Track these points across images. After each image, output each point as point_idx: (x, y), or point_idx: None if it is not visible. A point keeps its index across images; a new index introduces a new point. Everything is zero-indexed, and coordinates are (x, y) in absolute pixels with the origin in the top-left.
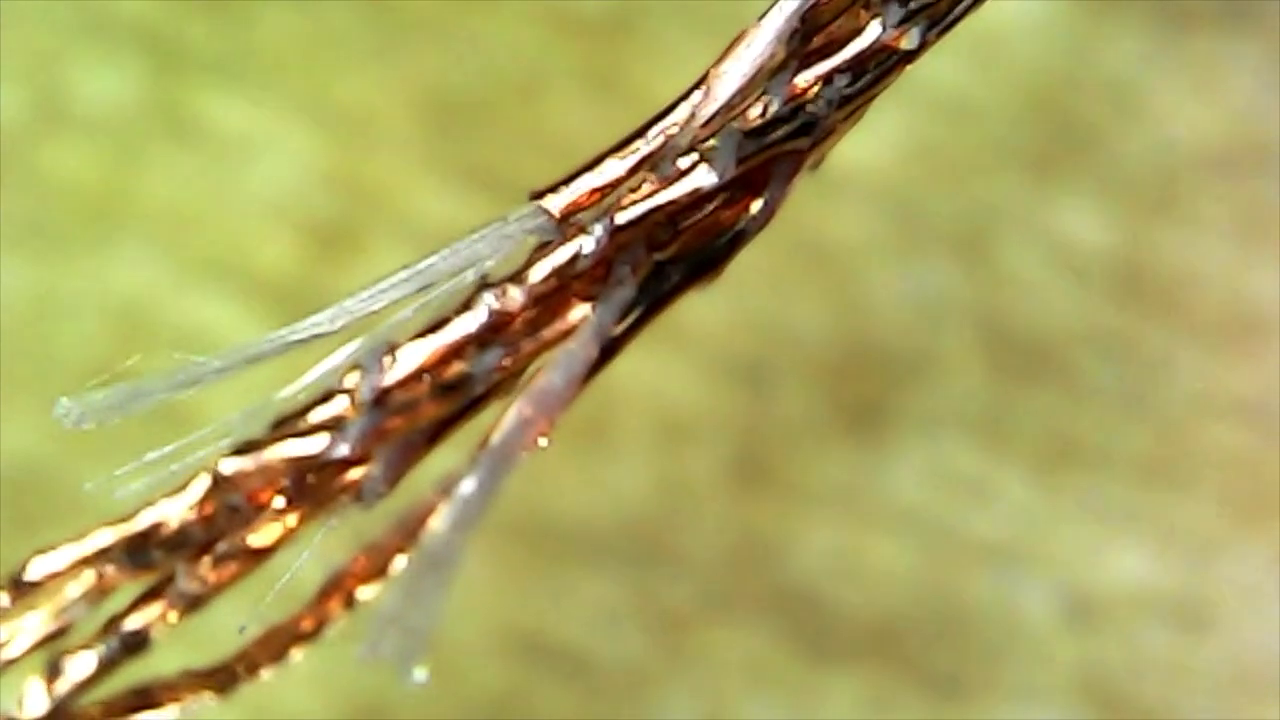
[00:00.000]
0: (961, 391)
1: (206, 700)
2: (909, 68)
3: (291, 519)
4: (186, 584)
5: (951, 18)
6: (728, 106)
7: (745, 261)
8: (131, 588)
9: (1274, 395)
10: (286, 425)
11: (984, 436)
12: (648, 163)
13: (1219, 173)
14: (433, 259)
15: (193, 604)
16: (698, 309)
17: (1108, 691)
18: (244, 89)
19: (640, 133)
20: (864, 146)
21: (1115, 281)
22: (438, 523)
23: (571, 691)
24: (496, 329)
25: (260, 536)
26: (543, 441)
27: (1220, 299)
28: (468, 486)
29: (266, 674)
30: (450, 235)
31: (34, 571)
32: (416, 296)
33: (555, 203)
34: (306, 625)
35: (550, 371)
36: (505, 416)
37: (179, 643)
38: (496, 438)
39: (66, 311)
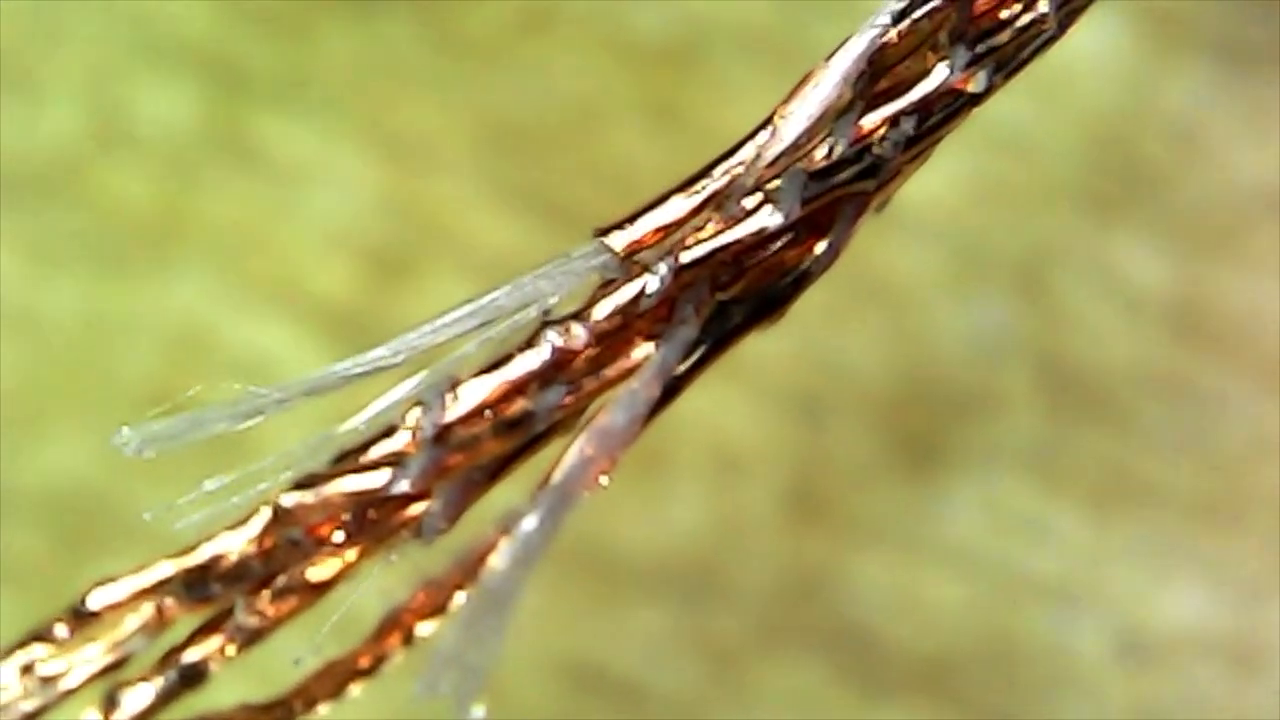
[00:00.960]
0: (1018, 429)
1: None
2: (975, 109)
3: (351, 554)
4: (245, 617)
5: (1019, 60)
6: (794, 147)
7: (804, 296)
8: (189, 620)
9: None
10: (348, 460)
11: (1040, 474)
12: (712, 202)
13: (1278, 213)
14: (496, 294)
15: (251, 637)
16: (756, 343)
17: None
18: (304, 114)
19: (705, 172)
20: (924, 182)
21: (1172, 320)
22: (497, 560)
23: None
24: (560, 366)
25: (319, 571)
26: (604, 480)
27: (1277, 340)
28: (528, 525)
29: (324, 709)
30: (507, 263)
31: (94, 602)
32: (479, 331)
33: (619, 240)
34: (364, 661)
35: (612, 410)
36: (567, 455)
37: (236, 676)
38: (558, 476)
39: (122, 334)
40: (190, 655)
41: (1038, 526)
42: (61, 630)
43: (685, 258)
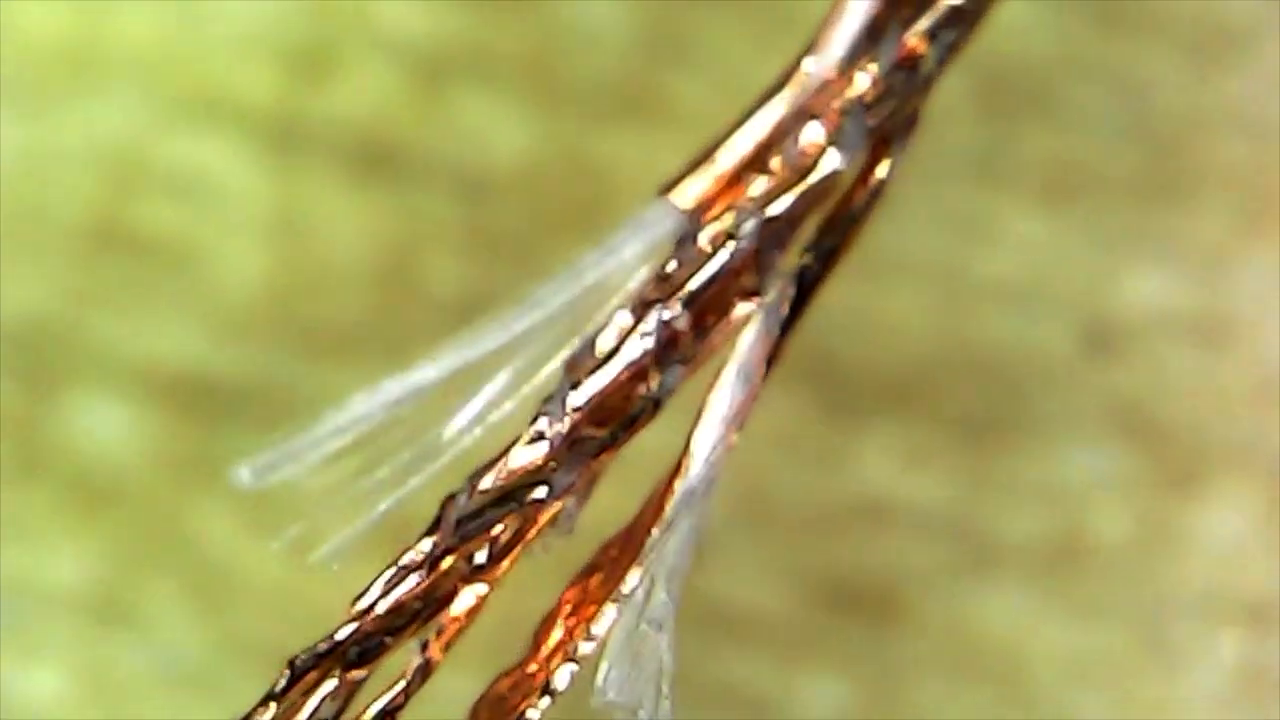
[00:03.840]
0: (958, 134)
1: None
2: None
3: (501, 565)
4: (417, 658)
5: None
6: (840, 75)
7: None
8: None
9: (1266, 104)
10: (484, 477)
11: (985, 176)
12: (772, 147)
13: None
14: (576, 271)
15: (425, 676)
16: None
17: (1137, 418)
18: None
19: (751, 113)
20: None
21: (1096, 9)
22: (660, 543)
23: None
24: (671, 346)
25: (471, 593)
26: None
27: (1195, 13)
28: (682, 504)
29: None
30: (432, 50)
31: (282, 685)
32: (561, 318)
33: (685, 197)
34: (537, 674)
35: (732, 378)
36: (700, 433)
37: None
38: (699, 457)
39: (55, 166)
40: (374, 709)
41: (989, 228)
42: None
43: (770, 212)
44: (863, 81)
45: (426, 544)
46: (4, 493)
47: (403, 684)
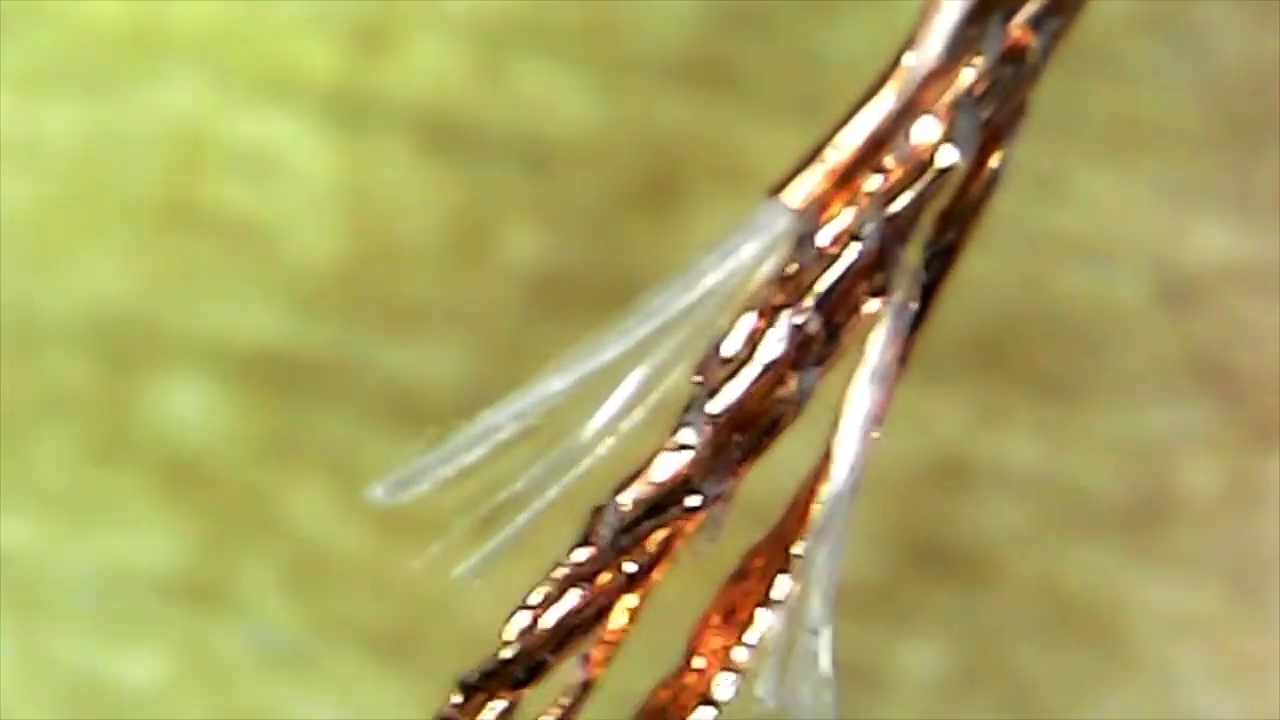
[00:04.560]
0: None
1: None
2: None
3: (653, 575)
4: (580, 673)
5: None
6: (945, 70)
7: None
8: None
9: None
10: (629, 485)
11: (1052, 132)
12: (879, 143)
13: None
14: (694, 275)
15: (587, 692)
16: None
17: (1215, 370)
18: None
19: (855, 110)
20: None
21: None
22: (810, 548)
23: None
24: (804, 349)
25: (628, 602)
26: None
27: None
28: (832, 508)
29: None
30: (490, 19)
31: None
32: (684, 326)
33: (796, 197)
34: (694, 684)
35: (867, 380)
36: (839, 443)
37: None
38: (840, 468)
39: (122, 148)
40: None
41: (1058, 185)
42: None
43: (891, 210)
44: (969, 75)
45: (581, 556)
46: (93, 476)
47: (567, 701)
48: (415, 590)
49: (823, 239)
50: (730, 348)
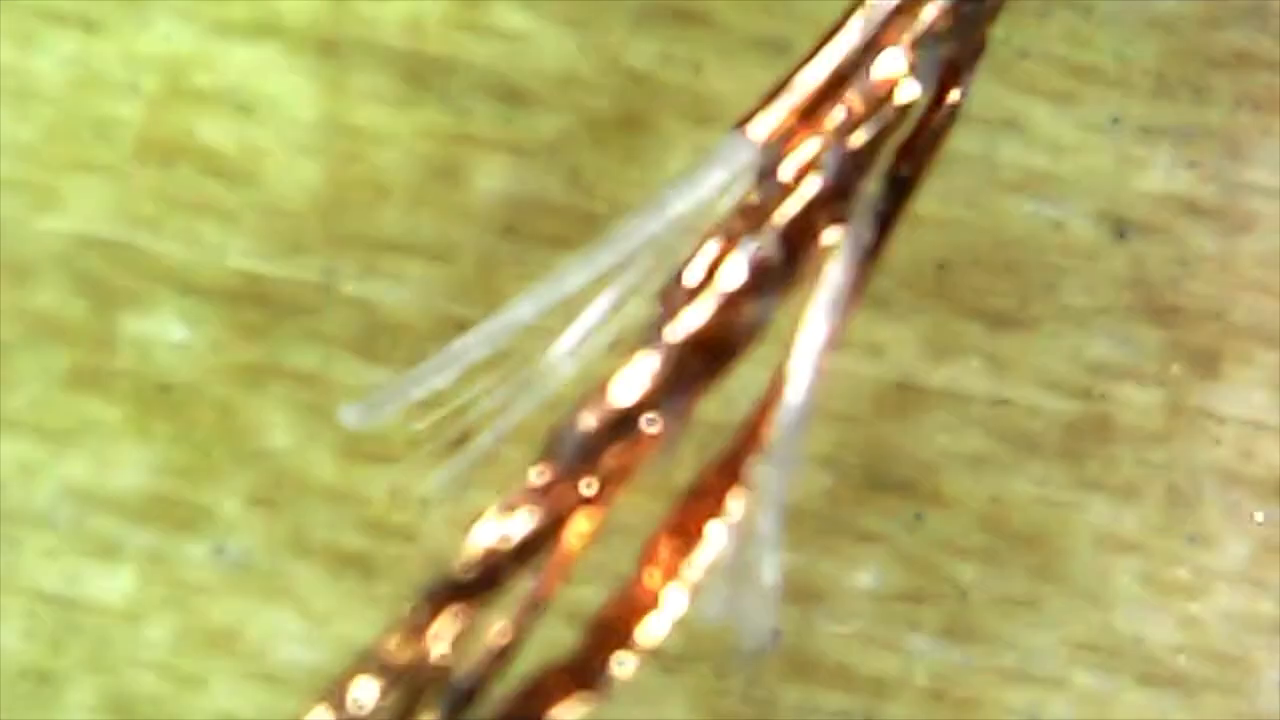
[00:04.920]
0: None
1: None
2: None
3: (610, 493)
4: (534, 590)
5: None
6: (908, 6)
7: None
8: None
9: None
10: (589, 406)
11: (1003, 70)
12: (843, 78)
13: None
14: (659, 204)
15: (540, 605)
16: None
17: (1159, 300)
18: None
19: (819, 48)
20: None
21: None
22: (762, 471)
23: None
24: (762, 275)
25: (579, 526)
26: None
27: None
28: (784, 424)
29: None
30: None
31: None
32: (649, 253)
33: (761, 130)
34: (645, 596)
35: (821, 304)
36: (792, 367)
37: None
38: (792, 391)
39: (112, 86)
40: (496, 642)
41: (1012, 122)
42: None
43: (851, 143)
44: (930, 12)
45: (540, 475)
46: (69, 402)
47: (522, 614)
48: (381, 513)
49: (785, 171)
50: (693, 275)
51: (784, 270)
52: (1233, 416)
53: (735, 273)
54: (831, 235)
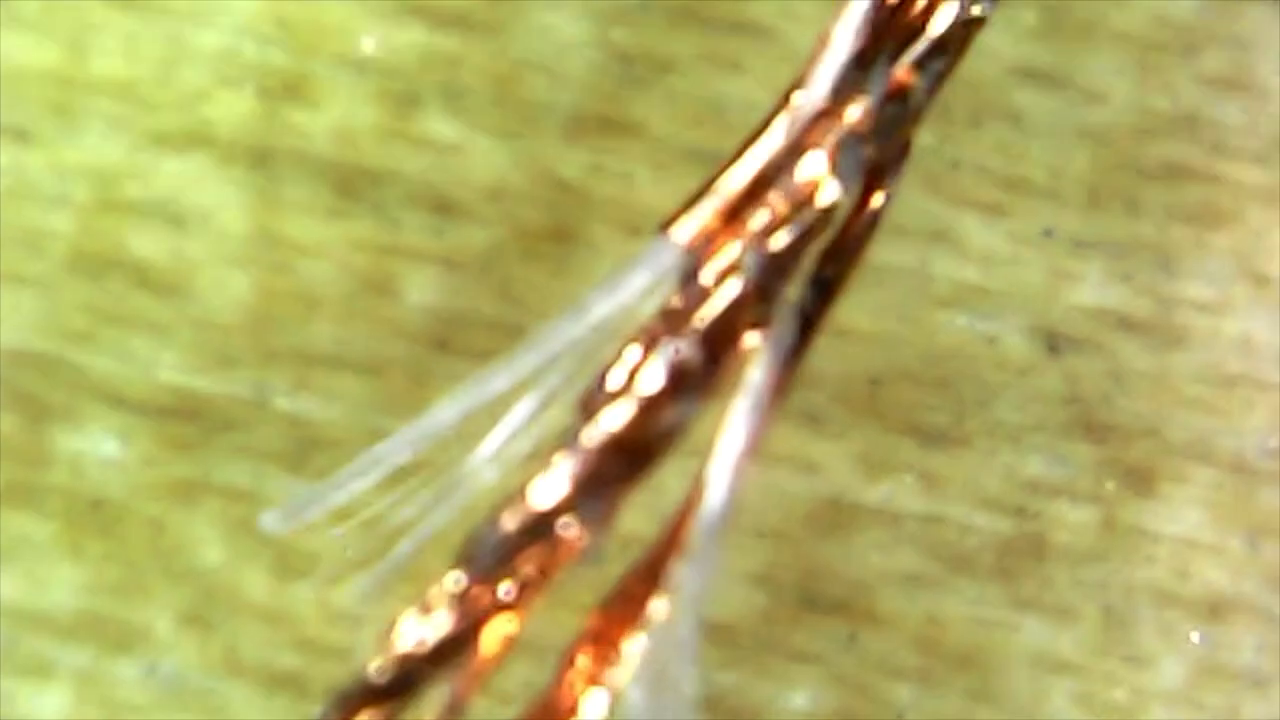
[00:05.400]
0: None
1: None
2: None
3: (529, 598)
4: (450, 697)
5: None
6: (831, 109)
7: None
8: None
9: (1213, 108)
10: (507, 510)
11: (936, 183)
12: (766, 180)
13: None
14: (583, 309)
15: (457, 712)
16: None
17: (1092, 416)
18: None
19: (743, 150)
20: None
21: (1040, 19)
22: (681, 571)
23: None
24: (680, 379)
25: (498, 629)
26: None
27: (1142, 15)
28: (703, 528)
29: None
30: (399, 71)
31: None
32: (572, 358)
33: (685, 233)
34: (565, 702)
35: (743, 408)
36: (713, 470)
37: None
38: (713, 495)
39: (42, 198)
40: None
41: (944, 234)
42: None
43: (772, 245)
44: (855, 114)
45: (457, 579)
46: (3, 519)
47: None
48: (311, 627)
49: (707, 274)
50: (614, 379)
51: (704, 374)
52: (1168, 535)
53: (654, 376)
54: (753, 339)
